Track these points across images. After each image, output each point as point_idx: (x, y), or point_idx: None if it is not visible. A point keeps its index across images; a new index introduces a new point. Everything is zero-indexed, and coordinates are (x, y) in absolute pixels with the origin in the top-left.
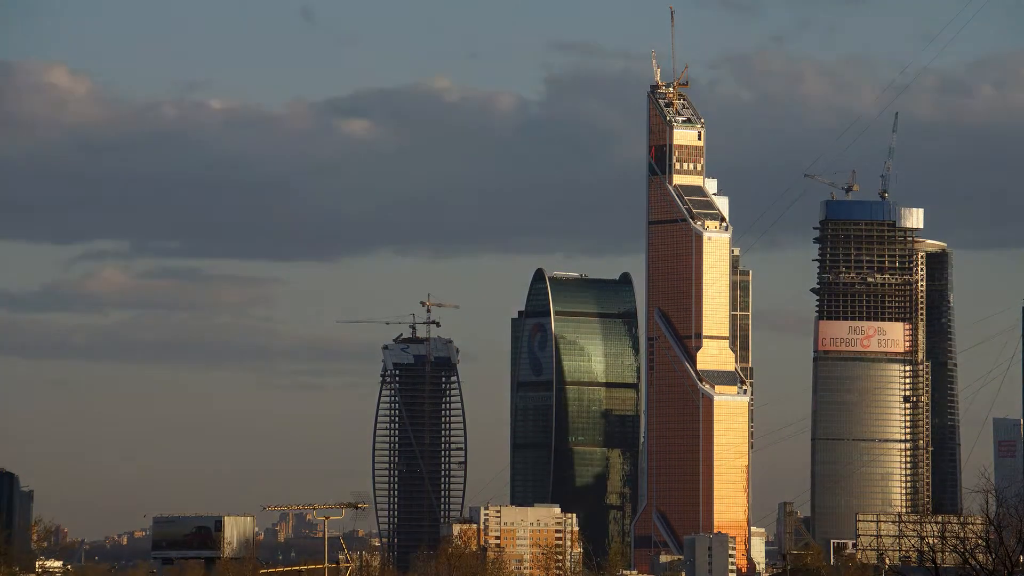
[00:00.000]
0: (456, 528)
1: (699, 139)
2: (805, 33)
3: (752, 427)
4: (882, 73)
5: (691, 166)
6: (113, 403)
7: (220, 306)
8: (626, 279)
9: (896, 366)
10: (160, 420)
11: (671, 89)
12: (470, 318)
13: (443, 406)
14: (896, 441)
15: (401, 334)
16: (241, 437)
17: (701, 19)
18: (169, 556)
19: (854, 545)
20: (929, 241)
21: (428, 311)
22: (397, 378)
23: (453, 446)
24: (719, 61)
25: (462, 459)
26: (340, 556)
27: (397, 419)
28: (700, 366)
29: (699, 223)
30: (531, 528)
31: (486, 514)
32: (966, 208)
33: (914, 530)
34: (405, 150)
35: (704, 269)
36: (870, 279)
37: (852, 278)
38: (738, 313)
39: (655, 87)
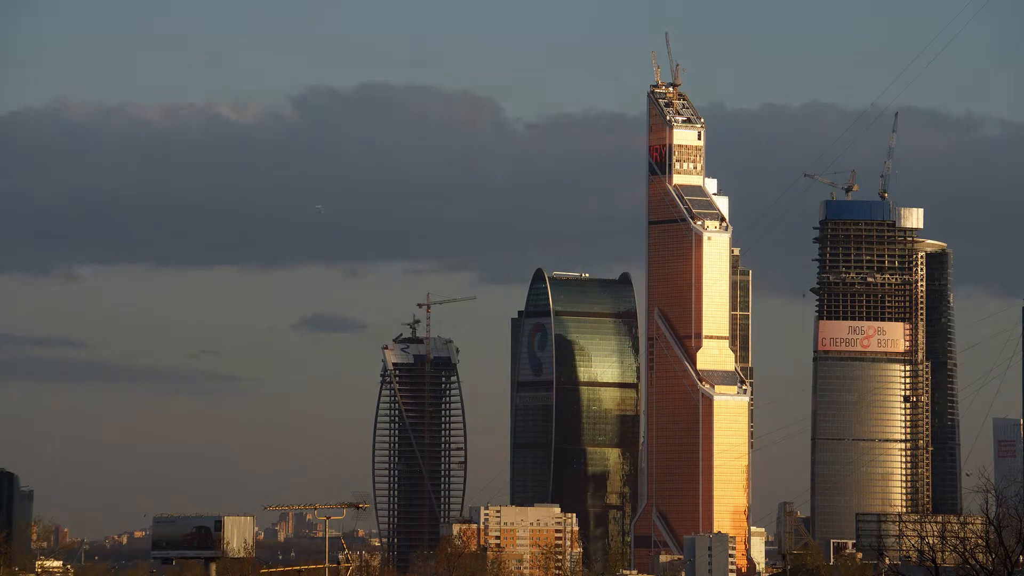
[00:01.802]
0: (456, 528)
1: (699, 139)
2: (805, 31)
3: (752, 427)
4: (883, 73)
5: (691, 166)
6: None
7: None
8: (626, 279)
9: (896, 366)
10: (162, 421)
11: (671, 89)
12: (470, 318)
13: (443, 406)
14: (896, 441)
15: (401, 334)
16: (242, 437)
17: (700, 19)
18: (169, 556)
19: (854, 545)
20: (929, 241)
21: (428, 311)
22: (397, 378)
23: (453, 446)
24: (719, 61)
25: (462, 459)
26: (340, 556)
27: (397, 419)
28: (700, 366)
29: (699, 223)
30: (531, 528)
31: (486, 514)
32: (966, 208)
33: (914, 530)
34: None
35: (704, 269)
36: (870, 279)
37: (852, 278)
38: (738, 313)
39: (655, 87)
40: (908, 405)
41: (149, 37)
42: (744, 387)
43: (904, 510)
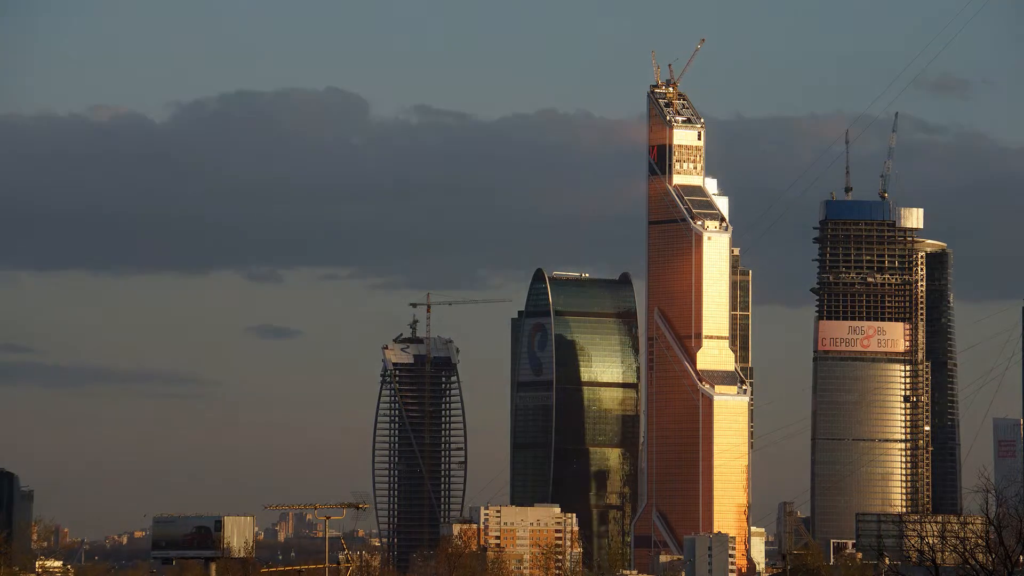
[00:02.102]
0: (456, 528)
1: (699, 139)
2: (804, 32)
3: (752, 427)
4: (883, 73)
5: (691, 166)
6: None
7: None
8: (626, 279)
9: (896, 366)
10: (162, 420)
11: (671, 89)
12: (470, 318)
13: (443, 406)
14: (896, 441)
15: (401, 334)
16: (242, 437)
17: (699, 20)
18: (169, 556)
19: (854, 545)
20: (929, 241)
21: (428, 310)
22: (397, 378)
23: (453, 446)
24: (719, 62)
25: (462, 459)
26: (340, 556)
27: (397, 419)
28: (700, 366)
29: (699, 223)
30: (531, 528)
31: (486, 514)
32: (966, 208)
33: (914, 530)
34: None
35: (704, 269)
36: (870, 279)
37: (852, 278)
38: (738, 313)
39: (655, 87)
40: (908, 405)
41: (61, 43)
42: (744, 387)
43: (904, 510)
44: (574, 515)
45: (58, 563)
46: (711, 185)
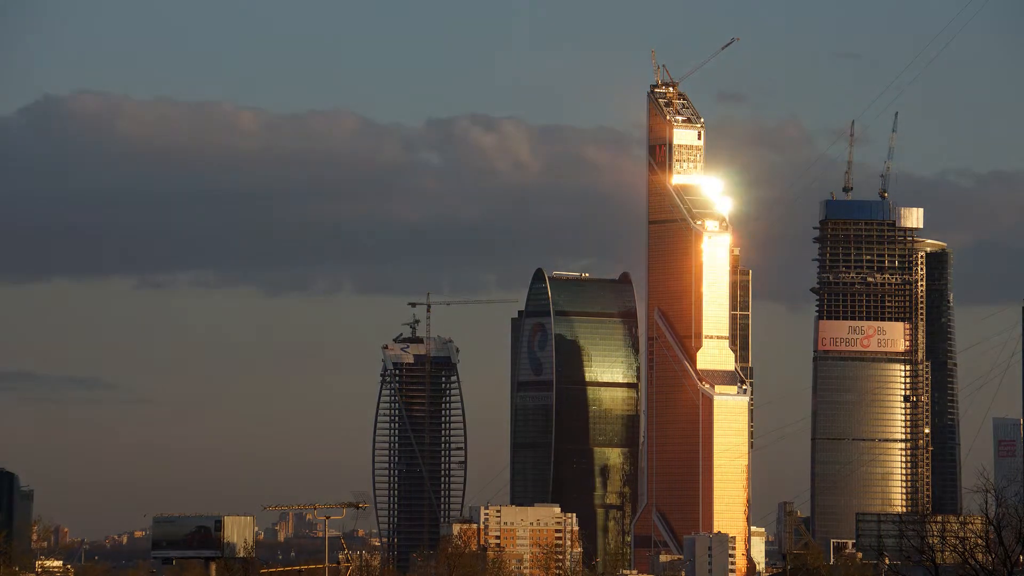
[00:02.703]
0: (456, 528)
1: (699, 139)
2: (803, 30)
3: (752, 427)
4: (883, 72)
5: (691, 166)
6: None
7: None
8: (626, 279)
9: (896, 366)
10: (162, 420)
11: (671, 89)
12: (470, 318)
13: (443, 406)
14: (896, 441)
15: (401, 334)
16: (242, 436)
17: (698, 19)
18: (169, 556)
19: (854, 545)
20: (929, 241)
21: (428, 310)
22: (397, 378)
23: (453, 446)
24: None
25: (462, 459)
26: (340, 556)
27: (397, 419)
28: (700, 366)
29: (699, 223)
30: (531, 528)
31: (486, 514)
32: (966, 208)
33: (914, 530)
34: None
35: (704, 269)
36: (870, 279)
37: (852, 278)
38: (738, 313)
39: (655, 87)
40: (908, 405)
41: None
42: (744, 387)
43: (904, 510)
44: (574, 515)
45: (58, 563)
46: (711, 185)
